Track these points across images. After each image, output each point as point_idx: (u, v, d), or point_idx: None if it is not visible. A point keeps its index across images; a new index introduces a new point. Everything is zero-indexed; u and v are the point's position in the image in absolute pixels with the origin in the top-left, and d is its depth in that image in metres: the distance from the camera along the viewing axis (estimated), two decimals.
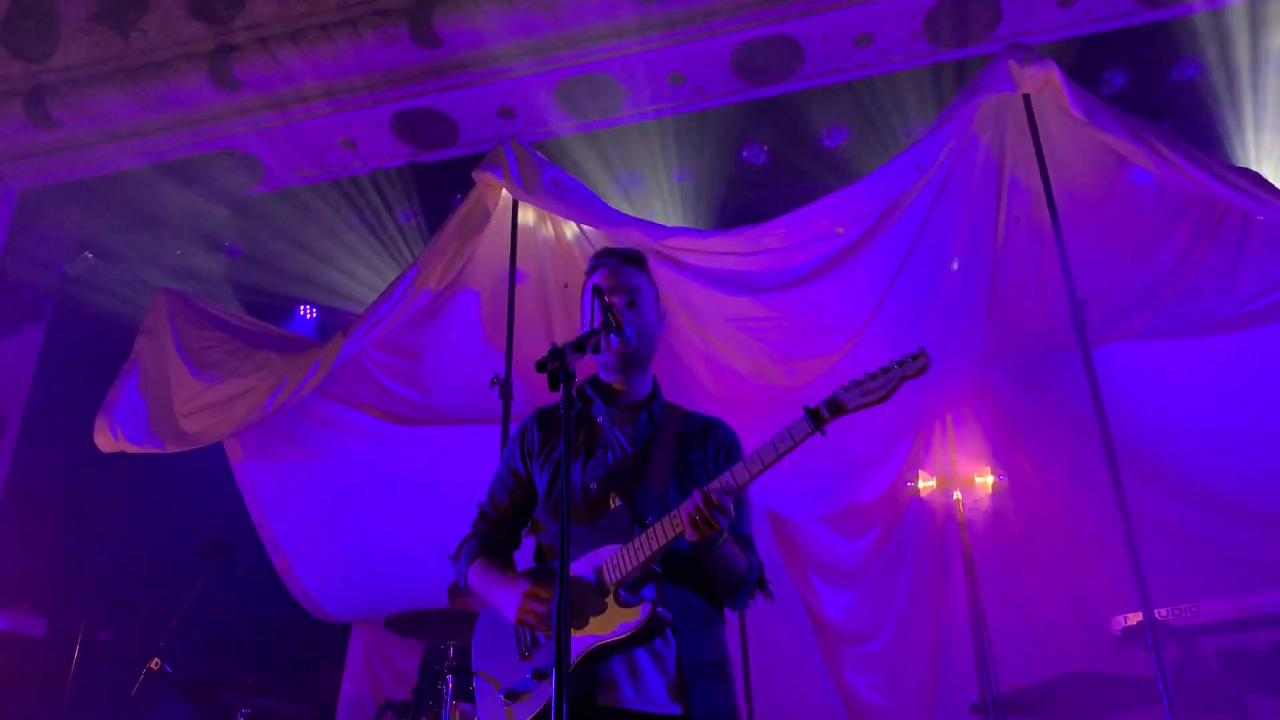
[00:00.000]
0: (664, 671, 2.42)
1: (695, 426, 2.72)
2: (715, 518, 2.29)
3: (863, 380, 2.36)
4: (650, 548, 2.38)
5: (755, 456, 2.37)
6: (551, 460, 2.70)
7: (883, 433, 5.71)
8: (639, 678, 2.41)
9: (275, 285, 6.98)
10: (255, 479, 6.26)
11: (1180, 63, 5.55)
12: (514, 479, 2.80)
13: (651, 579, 2.44)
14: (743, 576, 2.51)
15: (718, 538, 2.35)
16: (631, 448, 2.65)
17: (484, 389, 5.03)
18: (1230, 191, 4.52)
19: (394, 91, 6.19)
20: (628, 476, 2.58)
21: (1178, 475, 5.45)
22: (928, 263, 5.13)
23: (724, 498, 2.30)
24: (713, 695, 2.42)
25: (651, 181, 6.31)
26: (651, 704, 2.39)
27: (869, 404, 2.35)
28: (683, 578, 2.48)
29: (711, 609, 2.55)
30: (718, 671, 2.47)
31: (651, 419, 2.71)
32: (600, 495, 2.57)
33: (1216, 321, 5.20)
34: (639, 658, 2.42)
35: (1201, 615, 4.38)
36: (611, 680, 2.40)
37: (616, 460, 2.62)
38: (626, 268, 2.78)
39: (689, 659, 2.43)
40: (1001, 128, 4.99)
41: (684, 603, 2.48)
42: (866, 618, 6.03)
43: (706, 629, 2.50)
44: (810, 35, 5.75)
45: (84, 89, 6.31)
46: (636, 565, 2.39)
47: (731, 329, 5.42)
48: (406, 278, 5.42)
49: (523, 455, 2.79)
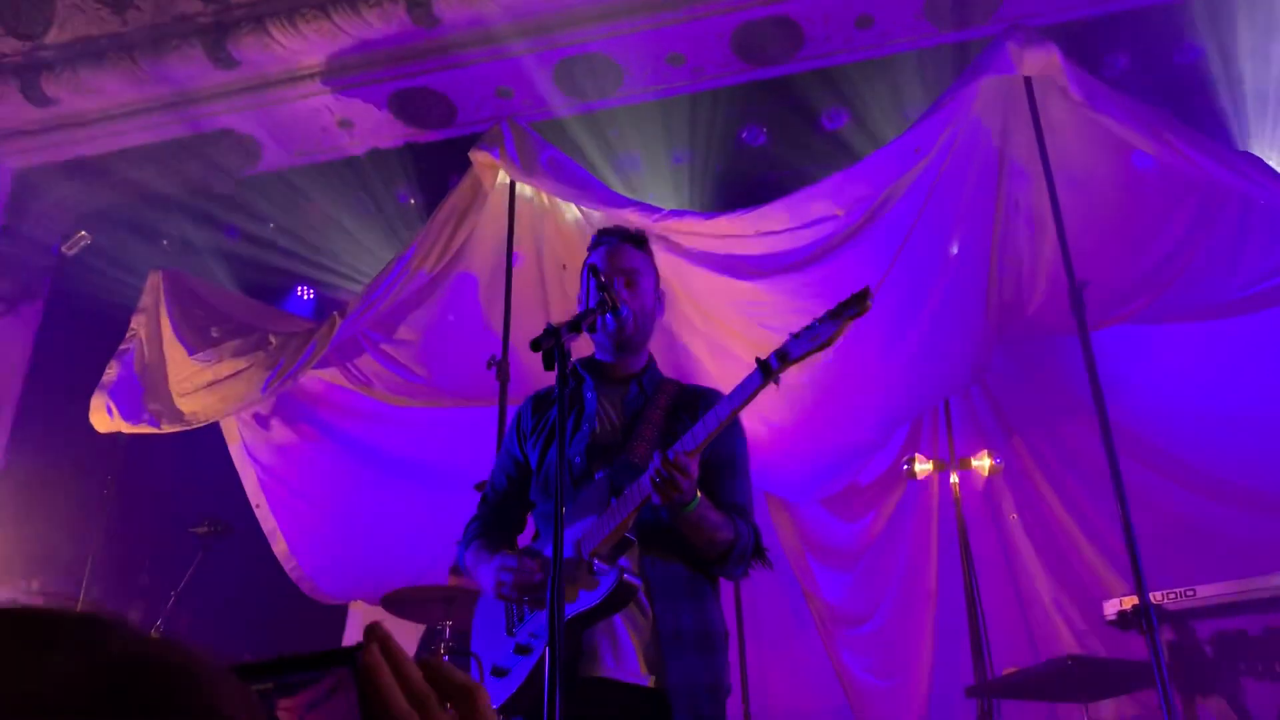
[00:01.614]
0: (641, 642, 2.40)
1: (687, 396, 2.71)
2: (677, 479, 2.26)
3: (810, 326, 2.33)
4: (620, 515, 2.37)
5: (712, 414, 2.35)
6: (542, 436, 2.71)
7: (882, 418, 5.70)
8: (618, 647, 2.40)
9: (272, 265, 6.96)
10: (252, 460, 6.27)
11: (1183, 45, 5.52)
12: (512, 462, 2.81)
13: (628, 547, 2.43)
14: (728, 544, 2.45)
15: (686, 502, 2.32)
16: (619, 419, 2.64)
17: (481, 370, 5.02)
18: (1231, 176, 4.50)
19: (391, 71, 6.16)
20: (612, 448, 2.58)
21: (1175, 459, 5.45)
22: (927, 245, 5.11)
23: (684, 458, 2.27)
24: (691, 667, 2.39)
25: (650, 163, 6.29)
26: (628, 674, 2.37)
27: (816, 349, 2.31)
28: (664, 546, 2.46)
29: (698, 579, 2.51)
30: (700, 643, 2.43)
31: (642, 391, 2.69)
32: (585, 468, 2.57)
33: (1216, 305, 5.18)
34: (619, 627, 2.41)
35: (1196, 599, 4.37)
36: (594, 650, 2.39)
37: (603, 433, 2.62)
38: (627, 248, 2.76)
39: (667, 630, 2.39)
40: (1002, 110, 4.96)
41: (665, 572, 2.45)
42: (863, 600, 6.05)
43: (689, 599, 2.46)
44: (811, 16, 5.72)
45: (79, 67, 6.28)
46: (608, 534, 2.38)
47: (732, 311, 5.41)
48: (404, 258, 5.40)
49: (519, 438, 2.80)
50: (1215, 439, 5.31)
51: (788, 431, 5.29)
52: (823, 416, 5.30)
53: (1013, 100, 4.89)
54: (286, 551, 6.44)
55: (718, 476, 2.53)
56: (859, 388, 5.14)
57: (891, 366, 5.21)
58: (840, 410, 5.31)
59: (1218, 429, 5.30)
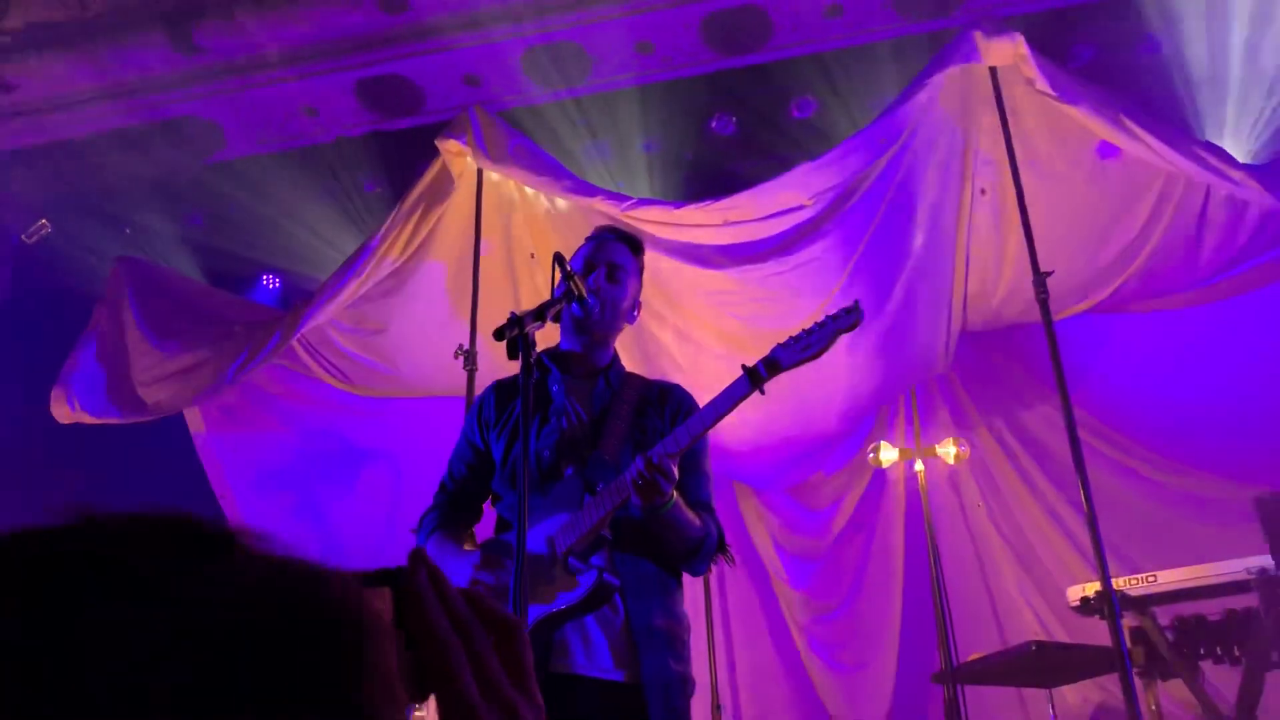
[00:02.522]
0: (613, 638, 2.42)
1: (653, 393, 2.70)
2: (659, 482, 2.28)
3: (799, 336, 2.37)
4: (597, 514, 2.38)
5: (697, 418, 2.39)
6: (507, 429, 2.67)
7: (848, 407, 5.73)
8: (589, 643, 2.41)
9: (237, 254, 6.87)
10: (217, 450, 6.20)
11: (1147, 37, 5.56)
12: (472, 451, 2.76)
13: (602, 545, 2.43)
14: (698, 542, 2.48)
15: (664, 503, 2.34)
16: (587, 415, 2.62)
17: (449, 360, 4.98)
18: (1194, 166, 4.55)
19: (358, 58, 6.08)
20: (582, 444, 2.57)
21: (1137, 446, 5.53)
22: (894, 235, 5.14)
23: (667, 461, 2.29)
24: (663, 662, 2.41)
25: (619, 151, 6.26)
26: (600, 669, 2.39)
27: (806, 359, 2.37)
28: (635, 544, 2.47)
29: (666, 575, 2.53)
30: (669, 638, 2.46)
31: (609, 385, 2.68)
32: (554, 463, 2.55)
33: (1179, 294, 5.25)
34: (589, 624, 2.42)
35: (1158, 585, 4.43)
36: (564, 646, 2.39)
37: (571, 427, 2.60)
38: (619, 245, 2.75)
39: (639, 626, 2.42)
40: (968, 100, 4.98)
41: (636, 569, 2.46)
42: (829, 588, 6.08)
43: (659, 596, 2.48)
44: (780, 6, 5.70)
45: (39, 52, 6.16)
46: (585, 533, 2.39)
47: (700, 301, 5.41)
48: (370, 247, 5.35)
49: (480, 426, 2.76)
50: (1177, 426, 5.39)
51: (755, 421, 5.29)
52: (790, 405, 5.31)
53: (979, 90, 4.92)
54: None
55: (684, 474, 2.53)
56: (826, 376, 5.15)
57: (858, 355, 5.24)
58: (808, 399, 5.32)
59: (1179, 416, 5.37)
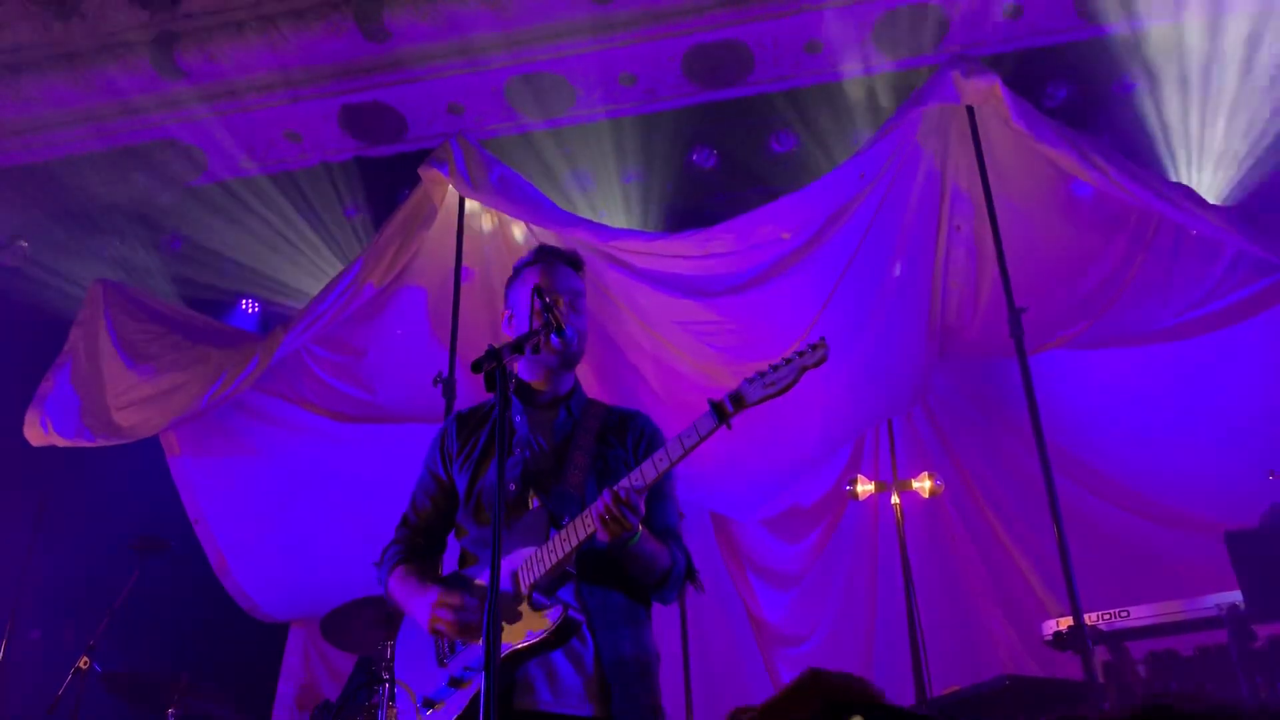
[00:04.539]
0: (582, 672, 2.40)
1: (614, 420, 2.71)
2: (626, 516, 2.28)
3: (765, 372, 2.38)
4: (563, 549, 2.37)
5: (663, 453, 2.38)
6: (471, 461, 2.67)
7: (824, 437, 5.76)
8: (555, 680, 2.38)
9: (217, 278, 6.85)
10: (192, 474, 6.16)
11: (1121, 78, 5.66)
12: (435, 483, 2.75)
13: (568, 579, 2.42)
14: (665, 572, 2.48)
15: (630, 536, 2.33)
16: (549, 445, 2.62)
17: (427, 387, 4.98)
18: (1165, 205, 4.63)
19: (342, 85, 6.11)
20: (546, 475, 2.56)
21: (1111, 481, 5.57)
22: (871, 269, 5.19)
23: (633, 496, 2.30)
24: (634, 694, 2.40)
25: (601, 182, 6.30)
26: (568, 707, 2.36)
27: (771, 395, 2.37)
28: (603, 576, 2.46)
29: (635, 605, 2.52)
30: (640, 669, 2.44)
31: (570, 415, 2.69)
32: (519, 495, 2.54)
33: (1151, 332, 5.32)
34: (555, 659, 2.40)
35: (1130, 620, 4.46)
36: (528, 683, 2.37)
37: (534, 458, 2.60)
38: (568, 270, 2.77)
39: (610, 658, 2.40)
40: (945, 137, 5.06)
41: (604, 601, 2.46)
42: (803, 619, 6.08)
43: (628, 627, 2.47)
44: (761, 41, 5.77)
45: (22, 73, 6.15)
46: (549, 568, 2.37)
47: (679, 331, 5.43)
48: (350, 273, 5.36)
49: (443, 459, 2.75)
50: (1149, 461, 5.44)
51: (731, 449, 5.31)
52: (765, 435, 5.33)
53: (956, 128, 5.00)
54: (227, 568, 6.32)
55: (650, 501, 2.51)
56: (802, 407, 5.18)
57: (834, 386, 5.26)
58: (783, 429, 5.35)
59: (1151, 451, 5.42)
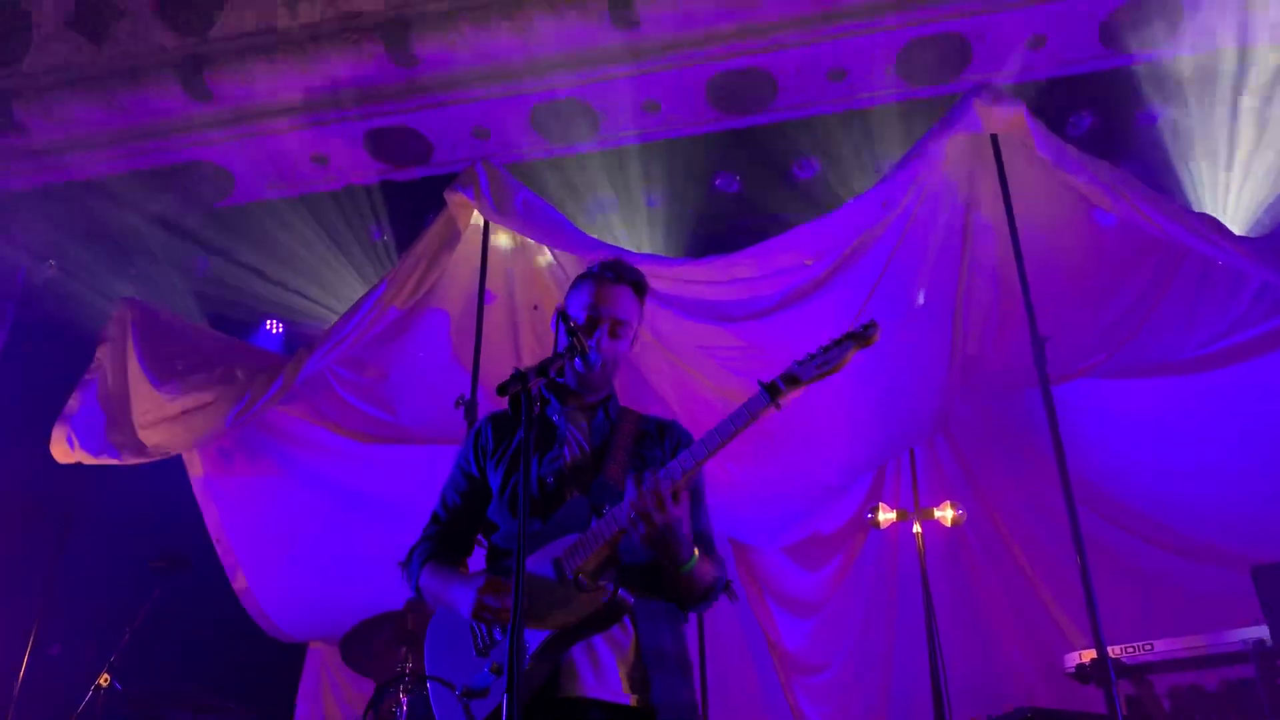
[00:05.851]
0: (623, 660, 2.42)
1: (651, 427, 2.75)
2: (665, 503, 2.29)
3: (816, 354, 2.40)
4: (606, 535, 2.39)
5: (713, 432, 2.39)
6: (506, 457, 2.69)
7: (846, 465, 5.73)
8: (599, 665, 2.40)
9: (242, 299, 6.91)
10: (214, 494, 6.19)
11: (1146, 107, 5.65)
12: (467, 480, 2.78)
13: (612, 566, 2.44)
14: (709, 587, 2.50)
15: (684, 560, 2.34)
16: (589, 445, 2.66)
17: (449, 409, 5.00)
18: (1189, 236, 4.60)
19: (368, 109, 6.17)
20: (585, 471, 2.59)
21: (1134, 513, 5.51)
22: (893, 297, 5.18)
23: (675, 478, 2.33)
24: (674, 686, 2.42)
25: (624, 207, 6.33)
26: (611, 692, 2.38)
27: (823, 375, 2.39)
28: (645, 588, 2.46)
29: (674, 605, 2.54)
30: (679, 663, 2.48)
31: (608, 417, 2.72)
32: (556, 490, 2.57)
33: (1175, 362, 5.28)
34: (599, 646, 2.42)
35: (1154, 653, 4.41)
36: (572, 668, 2.39)
37: (574, 456, 2.63)
38: (626, 292, 2.74)
39: (650, 647, 2.43)
40: (968, 166, 5.05)
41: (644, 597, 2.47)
42: (823, 648, 6.04)
43: (668, 621, 2.51)
44: (784, 69, 5.80)
45: (54, 95, 6.25)
46: (594, 552, 2.39)
47: (702, 356, 5.44)
48: (374, 294, 5.39)
49: (477, 455, 2.77)
50: (1173, 493, 5.38)
51: (753, 476, 5.30)
52: (787, 462, 5.32)
53: (979, 157, 4.99)
54: (247, 588, 6.35)
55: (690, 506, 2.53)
56: (824, 435, 5.17)
57: (856, 415, 5.26)
58: (805, 457, 5.33)
59: (1176, 483, 5.36)
